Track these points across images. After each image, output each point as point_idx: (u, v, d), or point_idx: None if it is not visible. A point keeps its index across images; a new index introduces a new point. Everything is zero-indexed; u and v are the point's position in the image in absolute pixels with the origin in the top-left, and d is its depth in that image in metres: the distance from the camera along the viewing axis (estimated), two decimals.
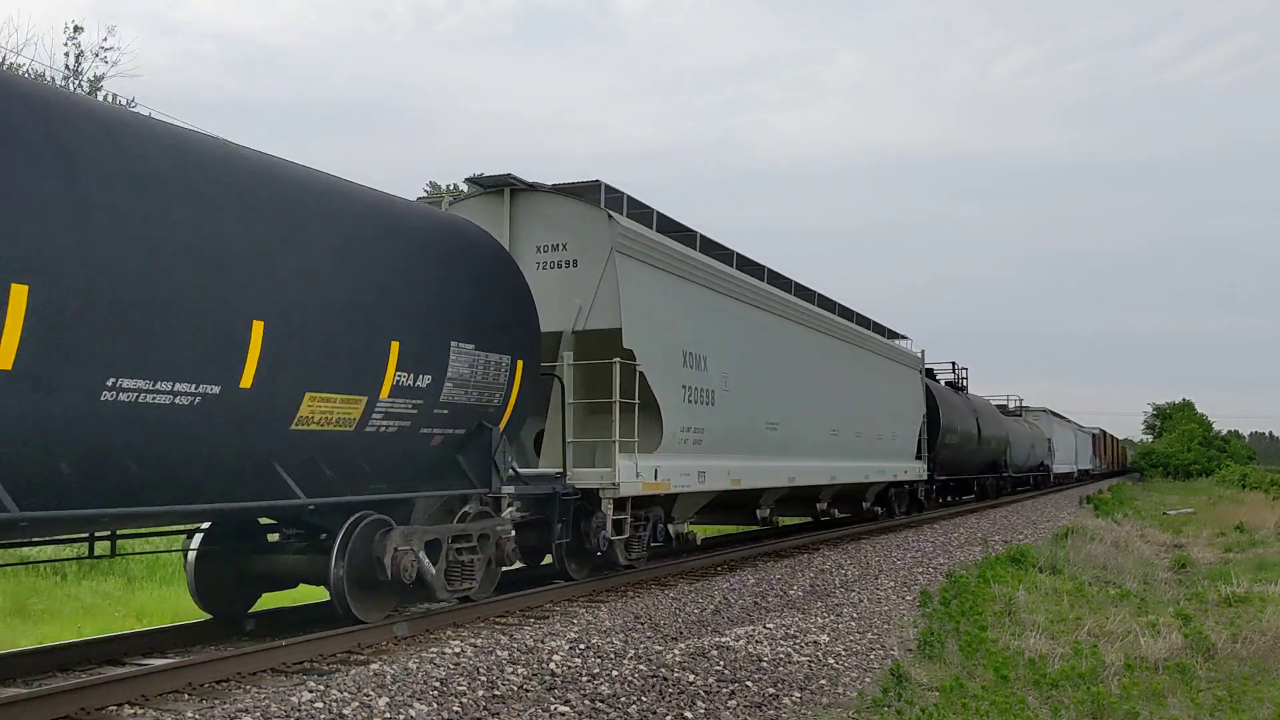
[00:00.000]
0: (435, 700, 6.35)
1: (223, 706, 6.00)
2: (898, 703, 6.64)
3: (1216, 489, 55.30)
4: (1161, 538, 22.85)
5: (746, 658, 7.92)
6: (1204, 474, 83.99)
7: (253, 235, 7.16)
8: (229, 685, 6.84)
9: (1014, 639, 8.96)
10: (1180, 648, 8.69)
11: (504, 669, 7.19)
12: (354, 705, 6.08)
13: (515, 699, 6.55)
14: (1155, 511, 33.89)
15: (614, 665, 7.50)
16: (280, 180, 7.76)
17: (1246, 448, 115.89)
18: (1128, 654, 8.38)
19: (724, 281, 14.55)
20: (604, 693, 6.73)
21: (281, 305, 7.30)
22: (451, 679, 6.82)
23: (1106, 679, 7.59)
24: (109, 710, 6.16)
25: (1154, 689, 7.21)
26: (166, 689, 6.59)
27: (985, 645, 8.43)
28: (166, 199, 6.58)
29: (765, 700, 6.86)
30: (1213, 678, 7.92)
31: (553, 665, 7.38)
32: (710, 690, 6.97)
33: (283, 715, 5.83)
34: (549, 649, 7.86)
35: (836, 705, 6.89)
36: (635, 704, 6.55)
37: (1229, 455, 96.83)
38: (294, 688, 6.53)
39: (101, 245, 6.09)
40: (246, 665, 7.19)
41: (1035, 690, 7.20)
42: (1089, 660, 7.99)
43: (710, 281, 14.05)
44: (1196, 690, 7.35)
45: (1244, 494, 46.22)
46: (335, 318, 7.75)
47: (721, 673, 7.44)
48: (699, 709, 6.55)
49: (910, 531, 21.22)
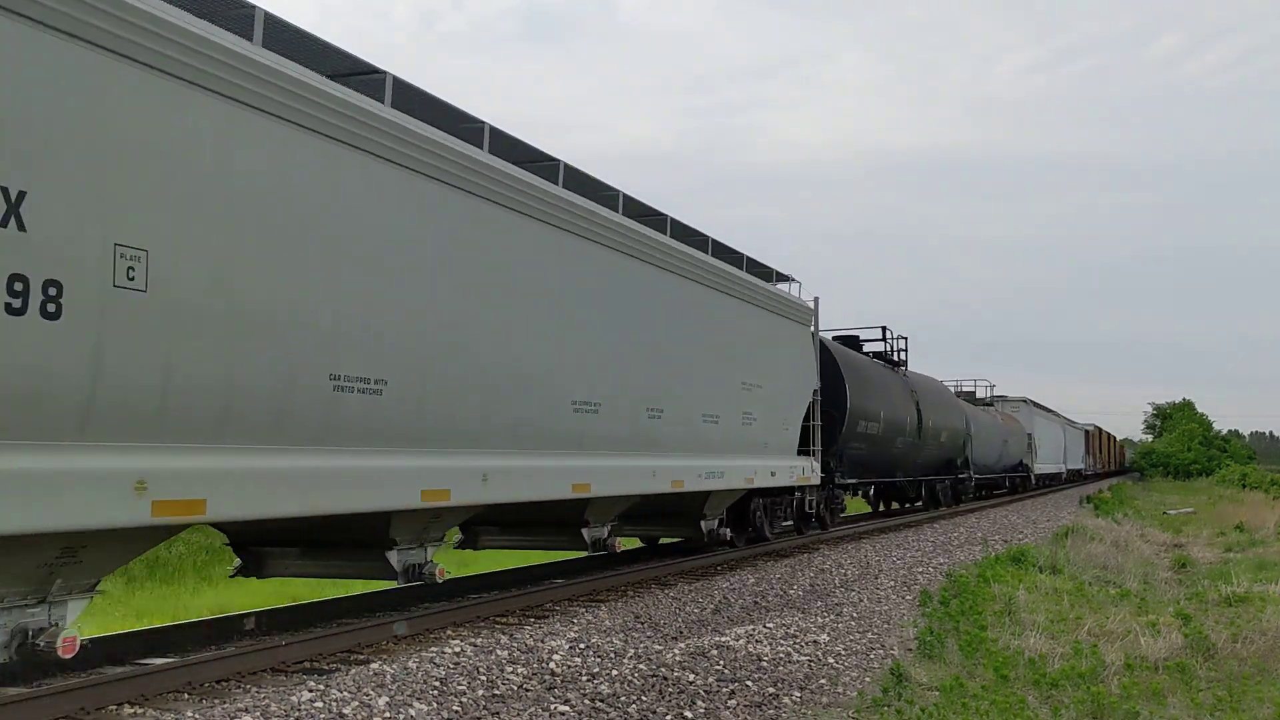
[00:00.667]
0: (435, 699, 6.35)
1: (222, 706, 6.00)
2: (898, 702, 6.64)
3: (1216, 489, 55.29)
4: (1161, 537, 22.86)
5: (746, 657, 7.92)
6: (1204, 474, 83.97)
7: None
8: (229, 684, 6.84)
9: (1014, 639, 8.95)
10: (1180, 647, 8.69)
11: (504, 668, 7.19)
12: (354, 704, 6.08)
13: (515, 698, 6.55)
14: (1155, 511, 33.88)
15: (614, 665, 7.50)
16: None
17: (1246, 447, 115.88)
18: (1128, 654, 8.38)
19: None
20: (604, 692, 6.73)
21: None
22: (451, 678, 6.82)
23: (1106, 679, 7.59)
24: (109, 710, 6.16)
25: (1154, 689, 7.21)
26: (166, 688, 6.59)
27: (985, 645, 8.43)
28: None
29: (765, 700, 6.86)
30: (1213, 677, 7.91)
31: (552, 665, 7.38)
32: (710, 690, 6.97)
33: (282, 714, 5.83)
34: (549, 648, 7.86)
35: (836, 705, 6.89)
36: (635, 703, 6.54)
37: (1229, 455, 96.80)
38: (294, 687, 6.54)
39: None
40: (246, 664, 7.19)
41: (1035, 690, 7.20)
42: (1089, 660, 7.99)
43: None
44: (1196, 690, 7.35)
45: (1244, 494, 46.22)
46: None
47: (721, 672, 7.44)
48: (699, 708, 6.55)
49: (910, 531, 21.21)
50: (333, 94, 7.22)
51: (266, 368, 6.69)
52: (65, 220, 5.41)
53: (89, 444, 5.59)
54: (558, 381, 10.00)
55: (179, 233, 6.04)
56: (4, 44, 5.21)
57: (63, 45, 5.45)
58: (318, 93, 7.07)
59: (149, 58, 5.87)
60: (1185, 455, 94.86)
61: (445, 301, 8.45)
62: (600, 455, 10.69)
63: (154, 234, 5.88)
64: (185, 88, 6.09)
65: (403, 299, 7.95)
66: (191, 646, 8.09)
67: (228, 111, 6.38)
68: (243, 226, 6.50)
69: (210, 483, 6.25)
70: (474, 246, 8.83)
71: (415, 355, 8.06)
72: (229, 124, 6.40)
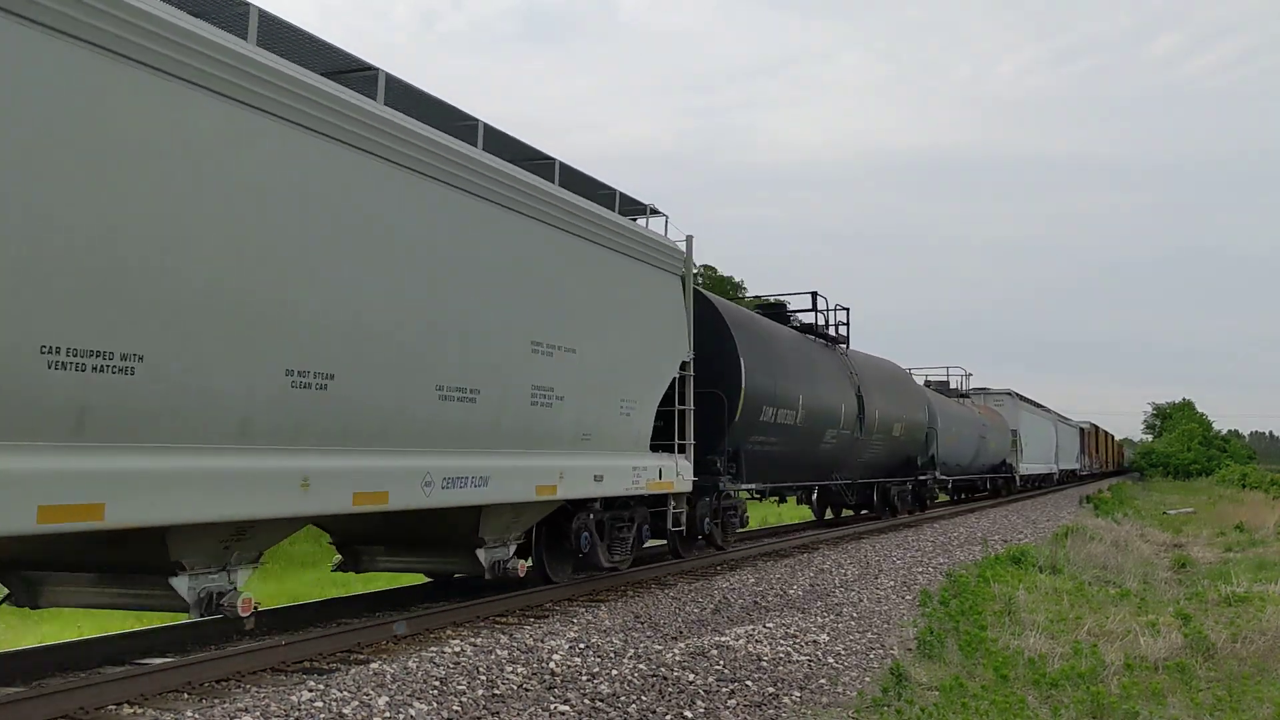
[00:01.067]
0: (435, 699, 6.35)
1: (222, 705, 6.00)
2: (897, 702, 6.65)
3: (1216, 488, 55.29)
4: (1161, 537, 22.86)
5: (746, 657, 7.92)
6: (1204, 474, 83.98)
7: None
8: (228, 684, 6.84)
9: (1014, 638, 8.96)
10: (1180, 647, 8.69)
11: (503, 668, 7.19)
12: (354, 704, 6.08)
13: (515, 698, 6.55)
14: (1155, 511, 33.88)
15: (613, 664, 7.50)
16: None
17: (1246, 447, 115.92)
18: (1127, 653, 8.38)
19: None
20: (603, 692, 6.73)
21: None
22: (451, 678, 6.82)
23: (1106, 679, 7.59)
24: (108, 709, 6.16)
25: (1154, 689, 7.21)
26: (166, 688, 6.59)
27: (985, 645, 8.43)
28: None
29: (765, 699, 6.86)
30: (1212, 677, 7.92)
31: (552, 664, 7.38)
32: (710, 689, 6.97)
33: (282, 714, 5.83)
34: (548, 648, 7.86)
35: (836, 705, 6.89)
36: (635, 703, 6.55)
37: (1229, 455, 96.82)
38: (294, 687, 6.54)
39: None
40: (246, 664, 7.19)
41: (1035, 690, 7.20)
42: (1089, 660, 7.99)
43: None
44: (1196, 690, 7.36)
45: (1244, 494, 46.21)
46: None
47: (721, 672, 7.44)
48: (699, 708, 6.55)
49: (910, 531, 21.20)
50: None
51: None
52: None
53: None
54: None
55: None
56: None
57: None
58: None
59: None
60: (1185, 455, 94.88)
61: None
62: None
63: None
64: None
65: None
66: (191, 646, 8.09)
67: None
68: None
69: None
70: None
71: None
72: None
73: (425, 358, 8.18)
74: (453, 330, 8.49)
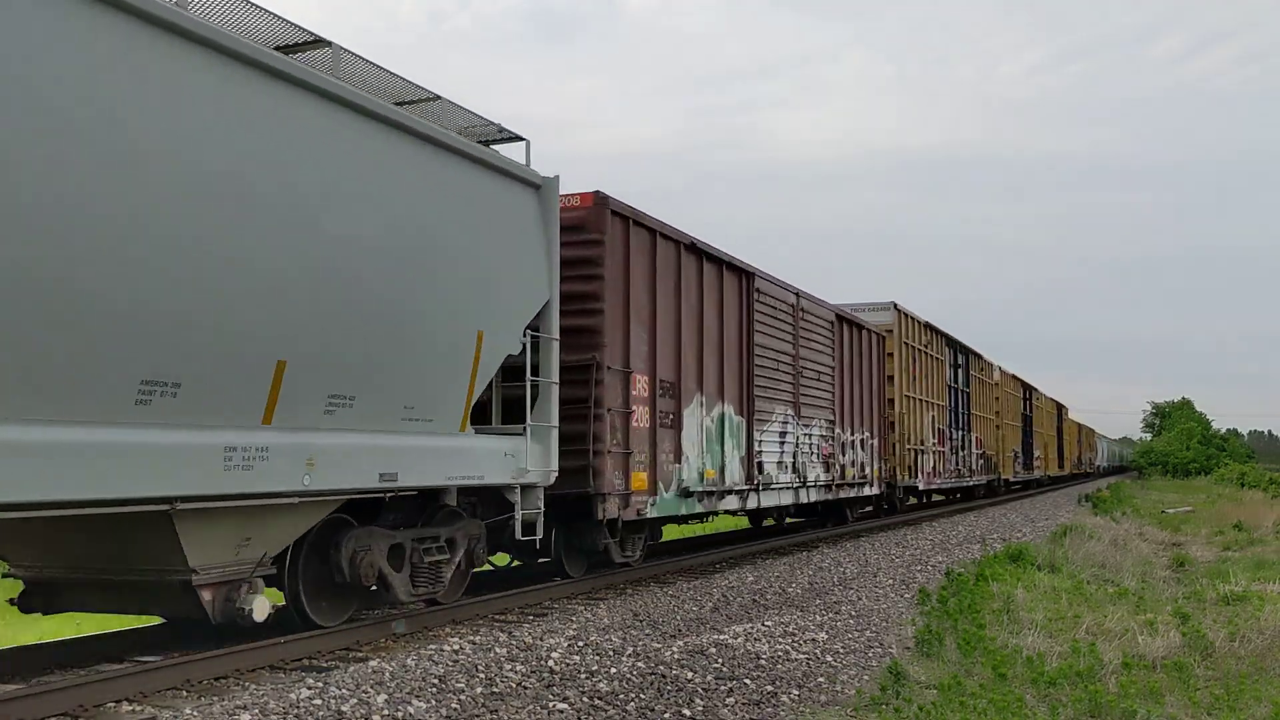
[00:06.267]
0: (434, 697, 6.35)
1: (221, 703, 6.01)
2: (896, 701, 6.65)
3: (1215, 487, 55.31)
4: (1160, 536, 22.86)
5: (745, 655, 7.93)
6: (1202, 472, 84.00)
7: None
8: (227, 682, 6.85)
9: (1012, 637, 8.97)
10: (1178, 646, 8.70)
11: (502, 666, 7.20)
12: (352, 702, 6.08)
13: (514, 696, 6.56)
14: (1154, 510, 33.89)
15: (613, 662, 7.50)
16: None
17: (1245, 446, 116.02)
18: (1126, 652, 8.39)
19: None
20: (603, 690, 6.73)
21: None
22: (450, 676, 6.83)
23: (1104, 677, 7.60)
24: (107, 707, 6.16)
25: (1152, 687, 7.22)
26: (165, 686, 6.59)
27: (984, 643, 8.44)
28: None
29: (764, 698, 6.87)
30: (1211, 676, 7.93)
31: (551, 662, 7.38)
32: (709, 688, 6.98)
33: (281, 712, 5.84)
34: (548, 646, 7.87)
35: (835, 703, 6.90)
36: (634, 701, 6.55)
37: (1228, 454, 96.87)
38: (292, 685, 6.54)
39: None
40: (245, 662, 7.19)
41: (1033, 688, 7.21)
42: (1087, 658, 8.00)
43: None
44: (1194, 689, 7.36)
45: (1242, 493, 46.22)
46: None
47: (720, 670, 7.45)
48: (697, 706, 6.55)
49: (909, 529, 21.21)
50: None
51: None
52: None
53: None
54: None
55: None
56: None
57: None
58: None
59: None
60: (1184, 454, 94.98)
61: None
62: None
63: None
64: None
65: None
66: (190, 644, 8.09)
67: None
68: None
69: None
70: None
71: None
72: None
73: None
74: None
